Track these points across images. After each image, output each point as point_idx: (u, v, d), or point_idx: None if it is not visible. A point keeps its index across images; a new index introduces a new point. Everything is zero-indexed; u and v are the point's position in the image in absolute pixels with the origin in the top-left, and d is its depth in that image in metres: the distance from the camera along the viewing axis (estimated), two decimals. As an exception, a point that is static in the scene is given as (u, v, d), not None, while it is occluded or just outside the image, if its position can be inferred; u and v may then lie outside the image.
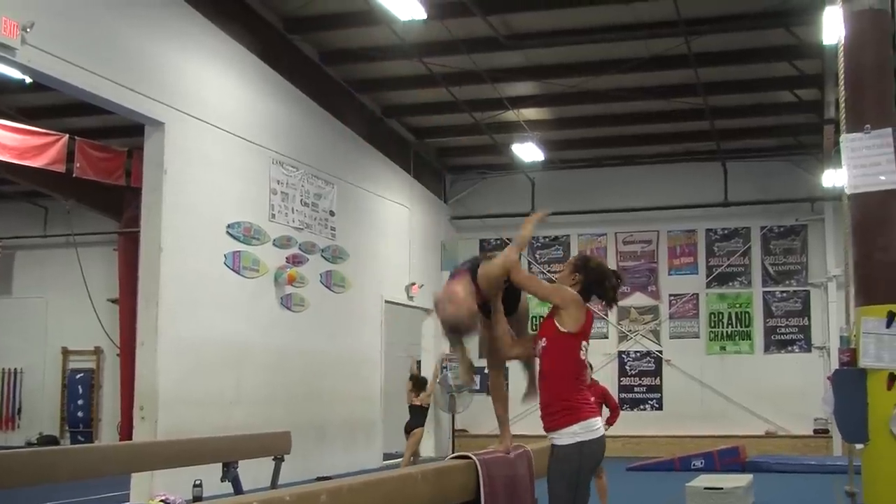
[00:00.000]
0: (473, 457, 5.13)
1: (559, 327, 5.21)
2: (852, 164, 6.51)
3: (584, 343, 5.19)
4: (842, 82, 6.87)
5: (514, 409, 5.77)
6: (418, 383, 15.67)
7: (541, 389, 5.31)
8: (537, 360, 5.36)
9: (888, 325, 6.27)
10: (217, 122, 14.10)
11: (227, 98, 14.52)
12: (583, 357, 5.22)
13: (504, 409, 5.50)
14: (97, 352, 22.77)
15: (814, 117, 18.51)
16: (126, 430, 16.62)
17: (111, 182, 14.69)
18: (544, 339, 5.26)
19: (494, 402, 5.54)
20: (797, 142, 20.60)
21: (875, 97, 6.64)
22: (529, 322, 5.99)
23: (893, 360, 6.25)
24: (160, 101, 12.83)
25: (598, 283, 5.34)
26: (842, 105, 6.87)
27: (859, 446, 6.36)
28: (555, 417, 5.19)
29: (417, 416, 15.34)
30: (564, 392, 5.18)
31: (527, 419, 6.09)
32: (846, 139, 6.57)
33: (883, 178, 6.42)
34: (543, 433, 5.28)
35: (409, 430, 15.24)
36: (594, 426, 5.18)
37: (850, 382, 6.39)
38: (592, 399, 5.39)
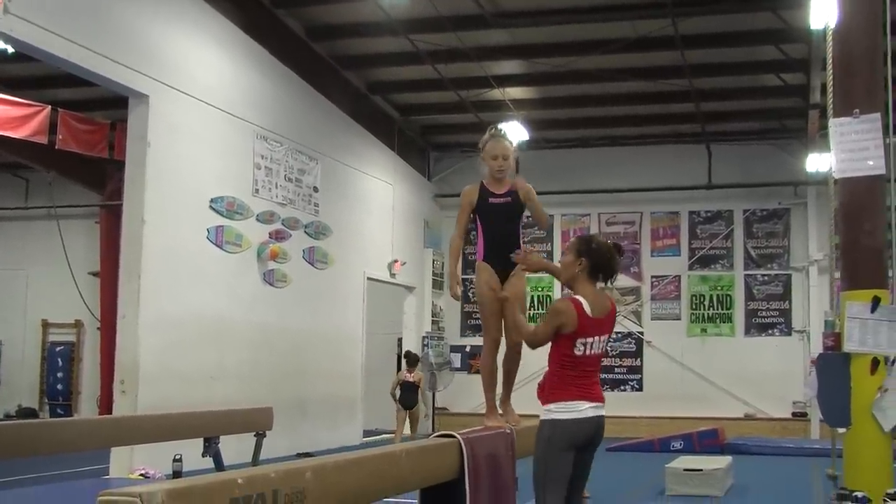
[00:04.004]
0: (458, 435, 5.12)
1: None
2: (840, 149, 6.50)
3: (580, 341, 5.33)
4: (830, 66, 6.85)
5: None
6: (411, 360, 15.82)
7: (544, 376, 5.59)
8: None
9: (873, 310, 6.28)
10: (202, 96, 14.01)
11: (212, 72, 14.42)
12: (578, 353, 5.35)
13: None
14: (77, 325, 22.67)
15: (799, 101, 18.54)
16: (106, 403, 16.59)
17: (94, 154, 14.60)
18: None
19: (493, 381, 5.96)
20: (782, 125, 20.65)
21: (865, 82, 6.62)
22: (526, 306, 6.19)
23: (877, 345, 6.26)
24: (145, 73, 12.73)
25: (604, 264, 5.48)
26: (829, 89, 6.86)
27: (842, 430, 6.38)
28: (542, 397, 5.47)
29: (412, 393, 15.49)
30: (553, 378, 5.41)
31: (516, 400, 6.15)
32: (835, 123, 6.56)
33: (871, 163, 6.41)
34: (527, 413, 5.69)
35: (406, 406, 15.41)
36: (576, 407, 5.33)
37: (833, 367, 6.40)
38: (595, 386, 5.51)
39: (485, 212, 6.00)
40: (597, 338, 5.38)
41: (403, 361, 16.10)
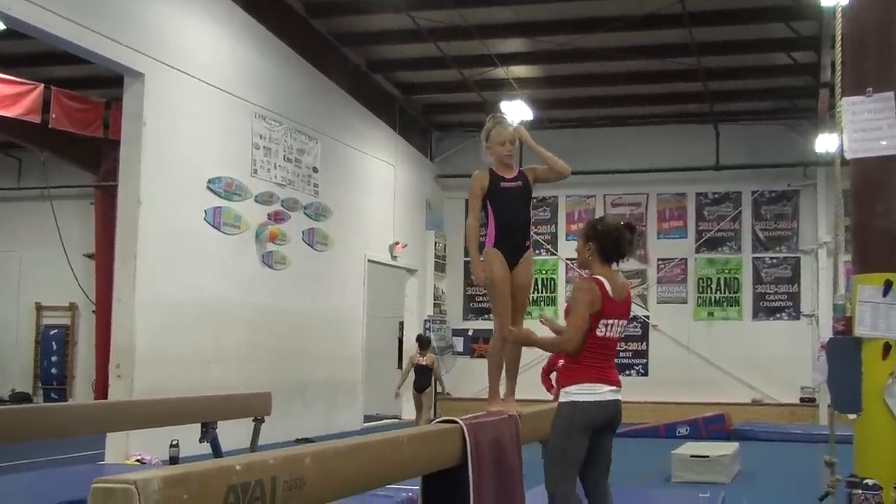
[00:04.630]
0: (460, 421, 5.11)
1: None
2: (852, 129, 6.45)
3: (603, 321, 5.47)
4: (839, 43, 6.79)
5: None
6: (423, 343, 16.00)
7: (563, 360, 5.83)
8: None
9: (885, 294, 6.25)
10: (199, 74, 13.97)
11: (210, 49, 14.38)
12: (600, 334, 5.48)
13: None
14: (72, 308, 22.66)
15: (809, 80, 18.49)
16: (101, 388, 16.57)
17: (88, 134, 14.57)
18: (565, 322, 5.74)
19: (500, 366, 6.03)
20: (791, 105, 20.58)
21: (878, 60, 6.57)
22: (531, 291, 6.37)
23: (889, 329, 6.23)
24: (140, 51, 12.70)
25: (614, 245, 5.59)
26: (838, 68, 6.81)
27: (852, 416, 6.35)
28: (562, 379, 5.66)
29: (425, 376, 15.68)
30: (574, 361, 5.53)
31: (519, 385, 6.17)
32: (847, 102, 6.51)
33: (884, 143, 6.36)
34: (523, 398, 5.94)
35: (420, 389, 15.61)
36: (596, 390, 5.47)
37: (844, 351, 6.37)
38: (612, 370, 5.64)
39: (496, 197, 6.01)
40: (616, 321, 5.53)
41: (416, 344, 16.33)
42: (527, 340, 5.76)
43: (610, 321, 5.47)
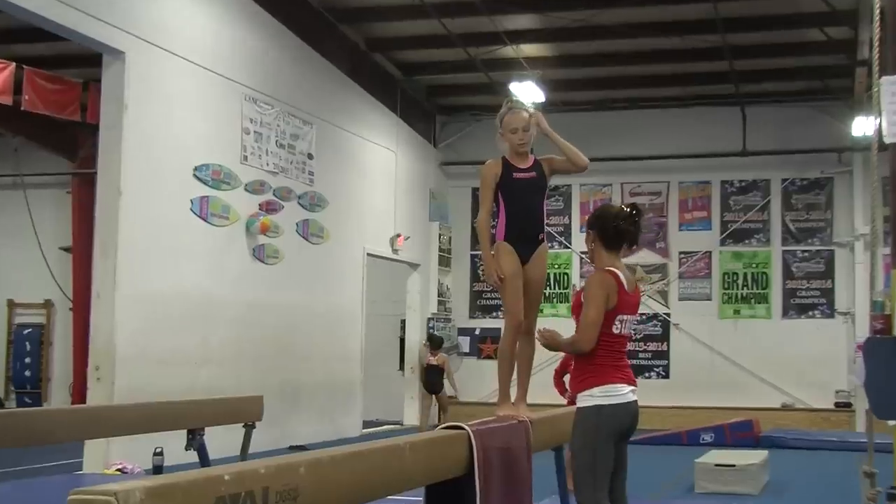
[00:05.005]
0: (467, 427, 5.11)
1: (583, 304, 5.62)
2: (892, 110, 6.44)
3: (619, 317, 5.53)
4: (877, 18, 6.78)
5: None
6: (435, 342, 16.12)
7: (574, 362, 5.82)
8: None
9: (927, 289, 6.24)
10: (184, 53, 13.96)
11: (196, 27, 14.37)
12: (616, 331, 5.53)
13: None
14: (47, 305, 22.68)
15: (844, 58, 18.44)
16: (79, 391, 16.62)
17: (64, 117, 14.58)
18: (575, 318, 5.71)
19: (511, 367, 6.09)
20: (825, 85, 20.52)
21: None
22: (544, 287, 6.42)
23: (932, 328, 6.22)
24: (120, 27, 12.68)
25: (611, 230, 5.63)
26: (876, 45, 6.79)
27: (892, 423, 6.35)
28: (577, 381, 5.65)
29: (437, 377, 15.83)
30: (589, 360, 5.54)
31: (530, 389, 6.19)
32: (886, 82, 6.50)
33: (925, 125, 6.35)
34: (534, 402, 5.98)
35: (431, 390, 15.78)
36: (618, 391, 5.51)
37: (883, 352, 6.36)
38: (629, 369, 5.68)
39: (509, 188, 6.05)
40: (629, 316, 5.60)
41: (419, 344, 16.48)
42: (555, 344, 5.78)
43: (625, 317, 5.53)
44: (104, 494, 2.72)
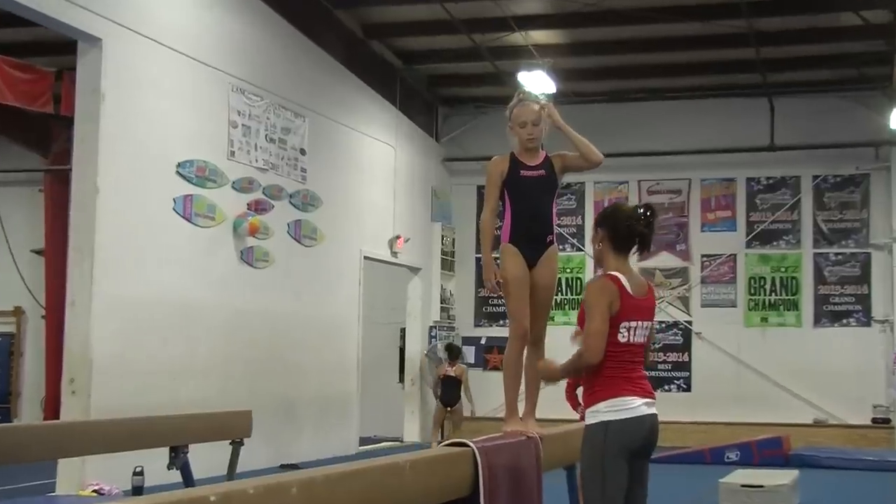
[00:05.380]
0: (472, 444, 5.11)
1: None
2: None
3: (623, 324, 5.46)
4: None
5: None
6: (454, 352, 16.22)
7: (583, 377, 5.72)
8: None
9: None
10: (166, 40, 13.96)
11: (179, 11, 14.38)
12: (622, 339, 5.46)
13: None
14: (17, 313, 22.67)
15: (882, 44, 18.46)
16: (52, 406, 16.63)
17: (36, 109, 14.61)
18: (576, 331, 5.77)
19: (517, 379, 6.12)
20: (860, 74, 20.51)
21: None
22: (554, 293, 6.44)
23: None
24: (97, 12, 12.66)
25: (623, 230, 5.56)
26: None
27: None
28: (586, 396, 5.59)
29: (454, 389, 15.92)
30: (595, 373, 5.48)
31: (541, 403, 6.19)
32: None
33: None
34: (545, 417, 6.12)
35: (447, 403, 15.88)
36: (627, 405, 5.42)
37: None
38: (644, 380, 5.62)
39: (515, 187, 6.07)
40: (640, 322, 5.50)
41: (444, 354, 16.62)
42: (556, 372, 5.83)
43: (632, 323, 5.45)
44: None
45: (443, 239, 22.52)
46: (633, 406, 5.42)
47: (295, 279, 16.81)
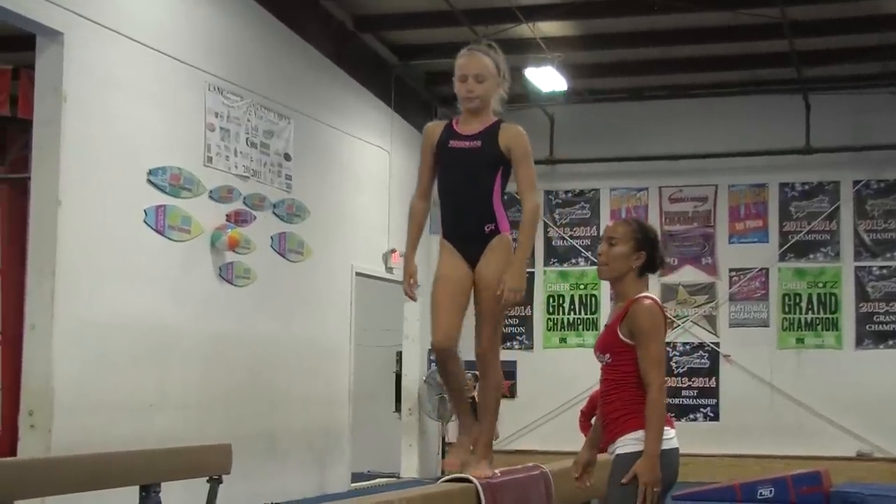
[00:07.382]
0: (475, 480, 5.09)
1: (625, 339, 5.54)
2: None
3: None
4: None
5: (523, 421, 6.00)
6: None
7: (606, 403, 5.66)
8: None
9: None
10: (135, 34, 13.96)
11: (149, 3, 14.41)
12: None
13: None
14: (-28, 338, 22.71)
15: (929, 35, 18.47)
16: (8, 441, 16.58)
17: (-10, 111, 14.59)
18: (609, 355, 5.62)
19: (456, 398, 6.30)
20: (905, 68, 20.56)
21: None
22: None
23: None
24: (57, 3, 12.66)
25: (659, 257, 5.73)
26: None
27: None
28: (620, 421, 5.53)
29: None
30: (632, 400, 5.51)
31: (538, 431, 6.16)
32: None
33: None
34: (556, 450, 5.53)
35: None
36: (667, 435, 5.45)
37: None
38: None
39: (441, 161, 5.72)
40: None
41: (470, 375, 16.64)
42: (655, 464, 5.41)
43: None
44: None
45: (444, 253, 22.47)
46: (670, 437, 5.47)
47: (279, 298, 16.81)
